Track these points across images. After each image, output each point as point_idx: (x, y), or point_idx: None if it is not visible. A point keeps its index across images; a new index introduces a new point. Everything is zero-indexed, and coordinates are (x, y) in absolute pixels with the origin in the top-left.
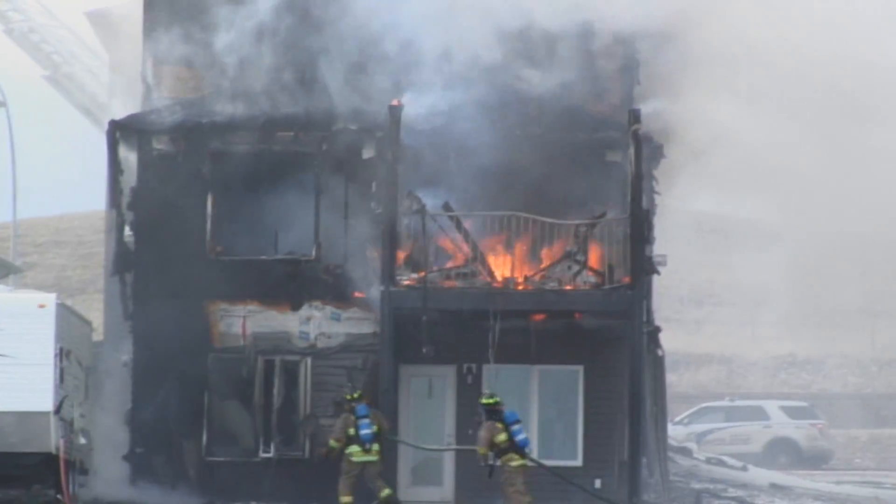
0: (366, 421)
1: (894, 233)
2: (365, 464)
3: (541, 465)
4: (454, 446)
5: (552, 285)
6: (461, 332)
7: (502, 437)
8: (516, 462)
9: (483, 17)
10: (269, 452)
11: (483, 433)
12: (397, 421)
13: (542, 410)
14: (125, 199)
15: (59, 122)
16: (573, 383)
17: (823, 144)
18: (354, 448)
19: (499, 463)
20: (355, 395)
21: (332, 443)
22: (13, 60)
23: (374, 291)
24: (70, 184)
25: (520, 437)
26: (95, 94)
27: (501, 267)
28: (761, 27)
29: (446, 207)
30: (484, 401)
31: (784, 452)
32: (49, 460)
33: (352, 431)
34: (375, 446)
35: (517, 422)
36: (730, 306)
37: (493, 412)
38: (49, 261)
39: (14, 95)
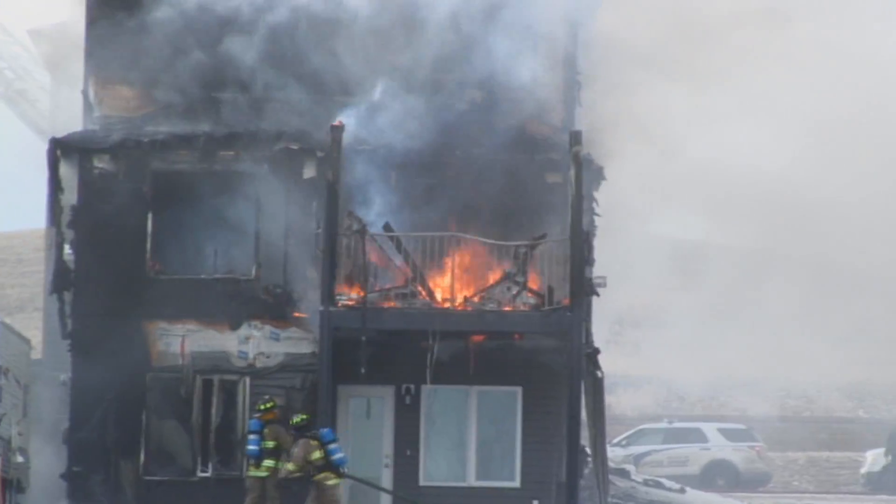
0: (335, 446)
1: (831, 250)
2: (261, 479)
3: (362, 482)
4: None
5: (492, 306)
6: (400, 353)
7: (317, 454)
8: (332, 481)
9: (426, 36)
10: (206, 472)
11: (297, 450)
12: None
13: (481, 431)
14: (65, 217)
15: None
16: (512, 404)
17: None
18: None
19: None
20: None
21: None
22: None
23: (314, 311)
24: (9, 201)
25: (336, 455)
26: (47, 112)
27: (441, 288)
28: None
29: (386, 228)
30: (294, 421)
31: (722, 475)
32: None
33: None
34: (267, 462)
35: (334, 441)
36: (669, 328)
37: (305, 429)
38: None
39: None
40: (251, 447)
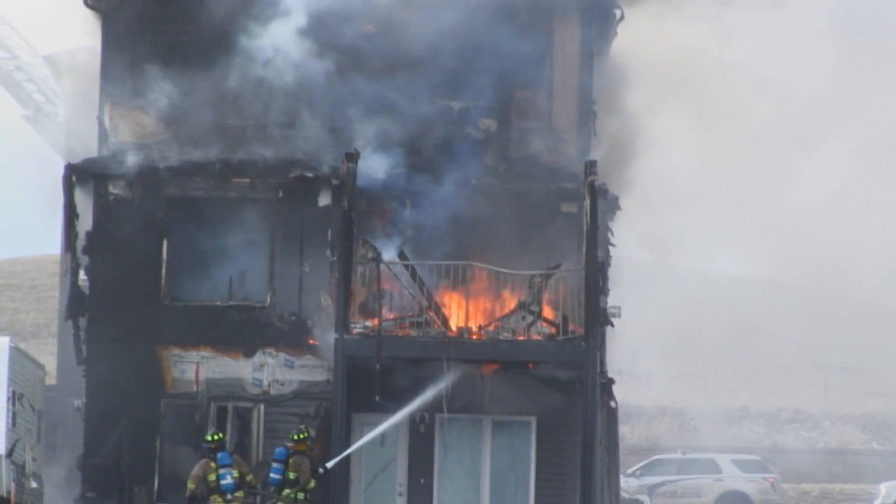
0: (226, 471)
1: (847, 288)
2: None
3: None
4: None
5: (506, 335)
6: (415, 381)
7: (213, 476)
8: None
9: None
10: None
11: (196, 469)
12: (349, 469)
13: (495, 461)
14: (80, 242)
15: (16, 164)
16: (526, 434)
17: (783, 194)
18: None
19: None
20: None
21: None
22: None
23: (328, 339)
24: (24, 227)
25: (224, 481)
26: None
27: (456, 316)
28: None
29: (401, 256)
30: (207, 437)
31: None
32: None
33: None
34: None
35: (226, 465)
36: (683, 359)
37: (213, 451)
38: (2, 304)
39: None
40: (274, 475)
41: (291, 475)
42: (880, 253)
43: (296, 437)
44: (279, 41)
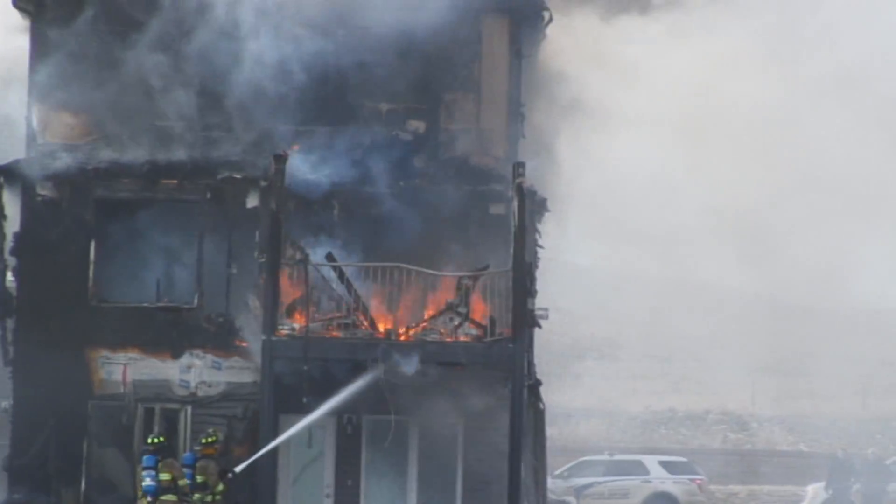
0: (150, 472)
1: (778, 288)
2: None
3: None
4: None
5: (434, 337)
6: (342, 383)
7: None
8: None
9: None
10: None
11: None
12: (276, 470)
13: (422, 462)
14: (8, 244)
15: None
16: (453, 435)
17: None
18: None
19: None
20: (209, 440)
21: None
22: None
23: (256, 340)
24: None
25: (143, 483)
26: None
27: (383, 318)
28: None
29: (329, 258)
30: (147, 441)
31: None
32: None
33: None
34: (196, 496)
35: (146, 468)
36: (611, 360)
37: (151, 453)
38: None
39: None
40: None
41: (199, 479)
42: (810, 255)
43: (203, 441)
44: (208, 43)
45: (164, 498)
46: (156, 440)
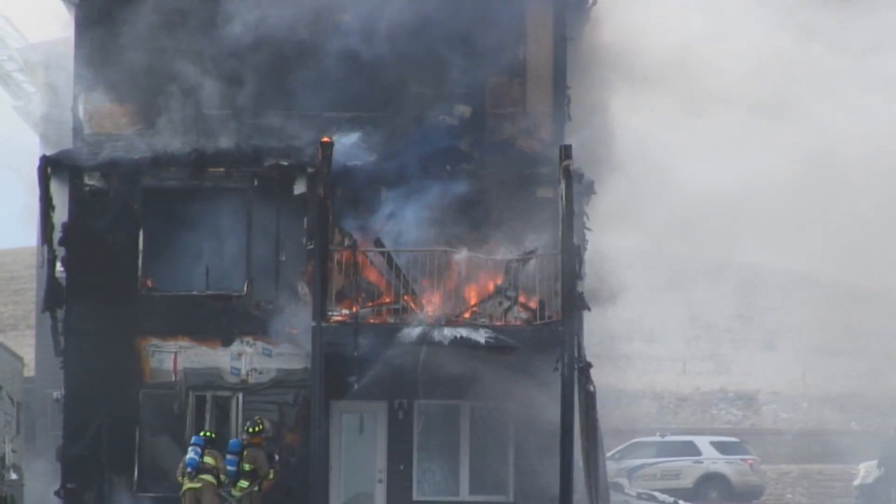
0: (233, 458)
1: (832, 269)
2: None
3: None
4: None
5: (483, 321)
6: (392, 368)
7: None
8: None
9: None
10: None
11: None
12: (328, 456)
13: (473, 446)
14: (57, 234)
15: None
16: (504, 419)
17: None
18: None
19: None
20: (256, 430)
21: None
22: None
23: (306, 327)
24: (1, 219)
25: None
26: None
27: (433, 302)
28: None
29: (378, 243)
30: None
31: (715, 488)
32: None
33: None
34: (242, 483)
35: (193, 444)
36: (661, 342)
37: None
38: None
39: None
40: (230, 467)
41: (247, 466)
42: (852, 234)
43: (251, 430)
44: (253, 31)
45: (202, 476)
46: (205, 435)
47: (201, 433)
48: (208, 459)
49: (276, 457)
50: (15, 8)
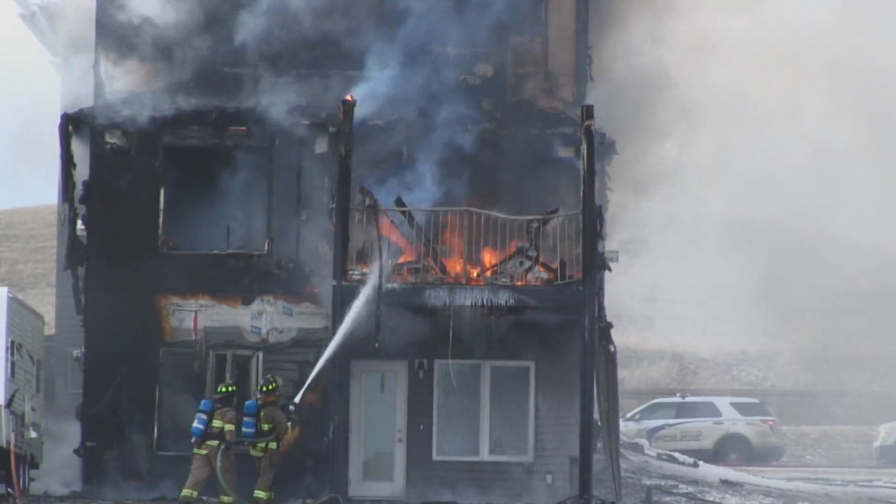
0: (250, 419)
1: (848, 231)
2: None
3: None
4: None
5: (504, 281)
6: (413, 328)
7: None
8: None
9: (437, 11)
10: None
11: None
12: (349, 416)
13: (493, 406)
14: (78, 192)
15: (7, 113)
16: (524, 379)
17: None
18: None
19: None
20: (270, 388)
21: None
22: None
23: (327, 286)
24: (21, 177)
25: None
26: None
27: (453, 262)
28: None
29: (398, 202)
30: (221, 390)
31: (735, 449)
32: None
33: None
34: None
35: (200, 411)
36: (681, 303)
37: (219, 402)
38: (1, 254)
39: None
40: (247, 429)
41: (265, 426)
42: (880, 197)
43: (265, 389)
44: None
45: (208, 442)
46: (225, 389)
47: (220, 388)
48: (216, 423)
49: (292, 407)
50: None
